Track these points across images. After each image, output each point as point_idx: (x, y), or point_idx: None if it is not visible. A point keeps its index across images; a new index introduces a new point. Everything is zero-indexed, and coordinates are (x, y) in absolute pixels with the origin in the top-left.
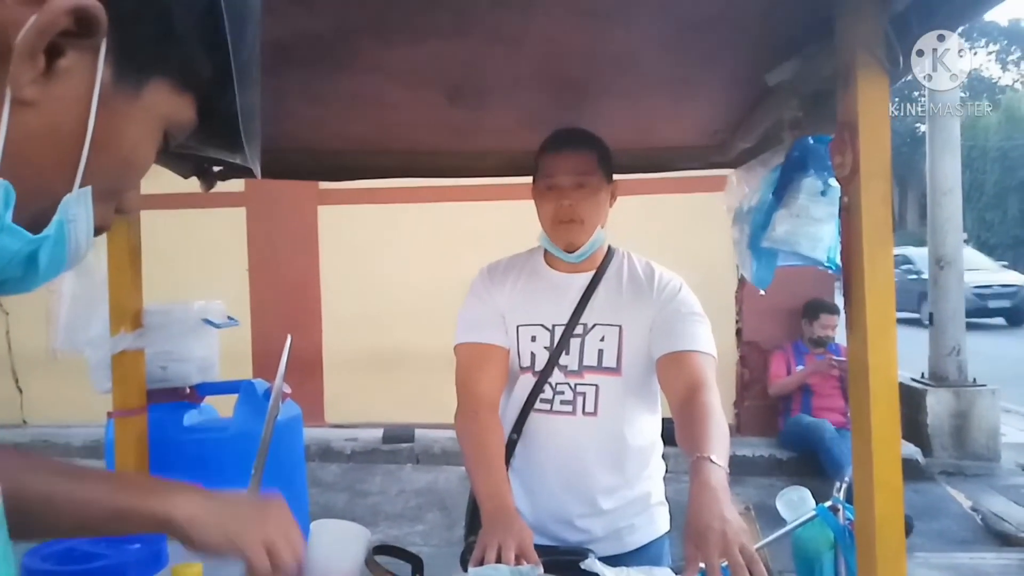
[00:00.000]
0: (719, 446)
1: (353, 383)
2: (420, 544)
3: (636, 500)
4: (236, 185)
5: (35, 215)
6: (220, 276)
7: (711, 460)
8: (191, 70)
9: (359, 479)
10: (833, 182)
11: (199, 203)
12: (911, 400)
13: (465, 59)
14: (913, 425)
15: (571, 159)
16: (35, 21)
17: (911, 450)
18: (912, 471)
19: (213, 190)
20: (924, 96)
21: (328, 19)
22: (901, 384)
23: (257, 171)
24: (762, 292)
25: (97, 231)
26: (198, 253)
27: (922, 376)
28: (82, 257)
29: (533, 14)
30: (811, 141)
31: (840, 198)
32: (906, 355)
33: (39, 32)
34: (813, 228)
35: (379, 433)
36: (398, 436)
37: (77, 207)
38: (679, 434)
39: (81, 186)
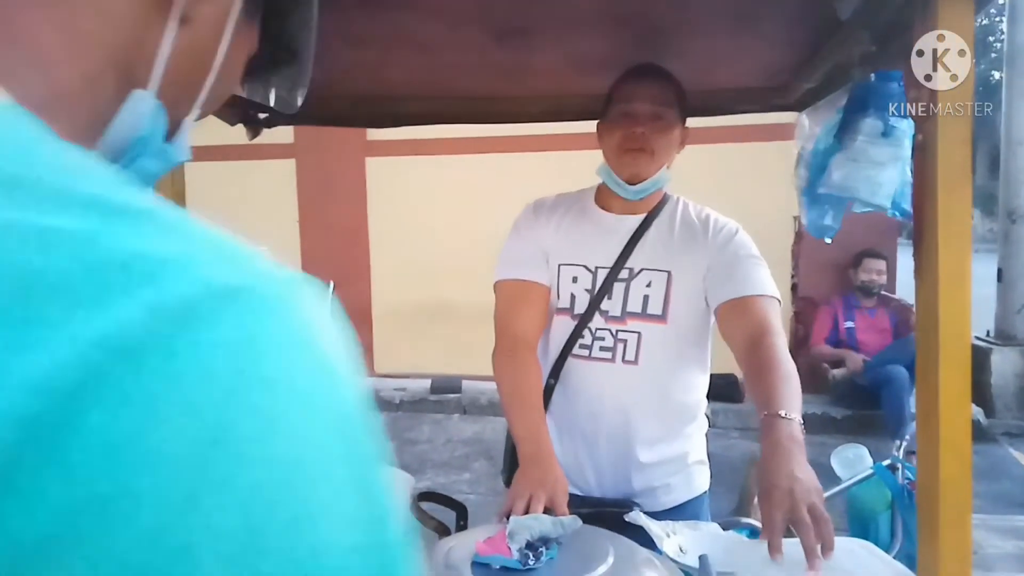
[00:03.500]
0: (789, 398)
1: (402, 333)
2: (467, 492)
3: (675, 458)
4: (286, 136)
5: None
6: (271, 227)
7: (780, 416)
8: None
9: (407, 427)
10: (896, 122)
11: (249, 155)
12: (975, 359)
13: None
14: (976, 385)
15: (650, 88)
16: None
17: (973, 410)
18: (974, 432)
19: (263, 142)
20: (1001, 41)
21: None
22: None
23: (296, 107)
24: (828, 241)
25: None
26: (249, 204)
27: (987, 334)
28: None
29: None
30: (872, 78)
31: (914, 136)
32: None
33: None
34: (873, 172)
35: (427, 383)
36: (446, 387)
37: (187, 133)
38: (748, 385)
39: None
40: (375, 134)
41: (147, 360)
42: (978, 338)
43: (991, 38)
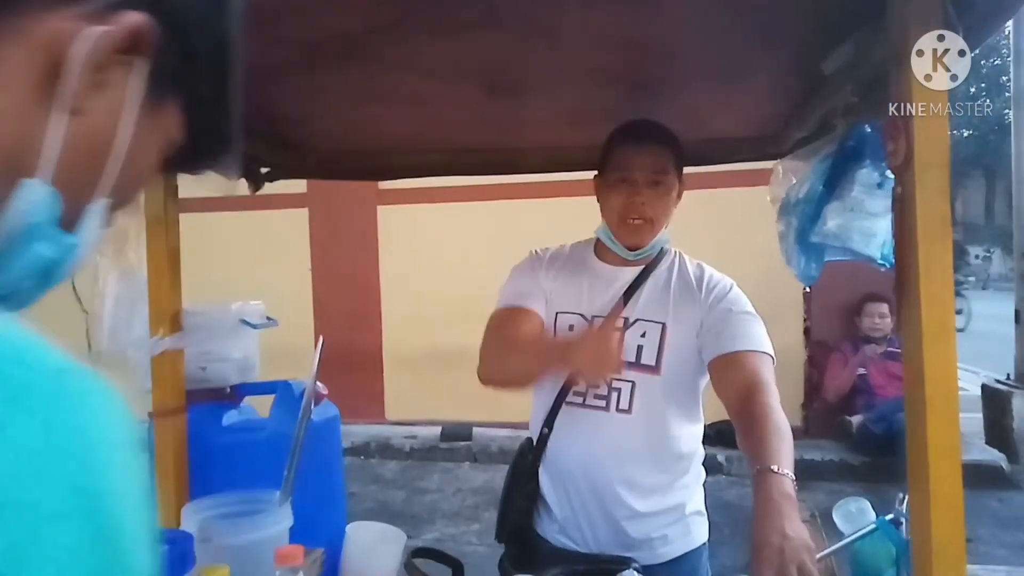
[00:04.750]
0: (781, 453)
1: (412, 380)
2: (476, 543)
3: (671, 509)
4: (299, 187)
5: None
6: (284, 275)
7: (772, 471)
8: (197, 91)
9: (417, 476)
10: (891, 173)
11: (264, 204)
12: (996, 403)
13: (501, 52)
14: (998, 430)
15: (649, 155)
16: (102, 36)
17: (995, 456)
18: (996, 479)
19: (278, 192)
20: (1011, 80)
21: (356, 17)
22: (985, 387)
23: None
24: (807, 289)
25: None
26: (263, 252)
27: (1008, 377)
28: (73, 273)
29: (568, 2)
30: (867, 129)
31: (893, 188)
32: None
33: (103, 47)
34: (867, 223)
35: (438, 431)
36: (456, 434)
37: (93, 220)
38: (740, 441)
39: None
40: (386, 182)
41: None
42: (998, 381)
43: (1004, 78)
